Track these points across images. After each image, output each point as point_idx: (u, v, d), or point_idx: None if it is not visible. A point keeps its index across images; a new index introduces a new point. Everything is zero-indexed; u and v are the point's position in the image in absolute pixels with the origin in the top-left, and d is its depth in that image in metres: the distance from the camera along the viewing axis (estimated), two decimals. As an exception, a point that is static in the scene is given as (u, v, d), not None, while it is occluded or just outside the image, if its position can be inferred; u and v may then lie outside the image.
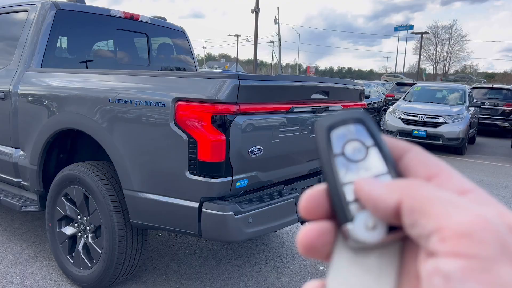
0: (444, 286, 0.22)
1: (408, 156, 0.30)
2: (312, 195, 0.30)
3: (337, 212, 0.29)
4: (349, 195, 0.28)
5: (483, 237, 0.22)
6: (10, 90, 3.00)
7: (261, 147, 2.29)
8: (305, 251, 0.30)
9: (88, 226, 2.61)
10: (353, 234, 0.28)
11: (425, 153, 0.30)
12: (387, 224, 0.27)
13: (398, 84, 15.40)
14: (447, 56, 63.92)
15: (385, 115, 10.62)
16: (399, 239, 0.28)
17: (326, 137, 0.30)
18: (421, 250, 0.25)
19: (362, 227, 0.28)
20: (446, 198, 0.25)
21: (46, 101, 2.78)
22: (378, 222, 0.27)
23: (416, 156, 0.29)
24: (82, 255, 2.64)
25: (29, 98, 2.89)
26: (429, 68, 65.65)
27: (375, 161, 0.29)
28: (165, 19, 4.19)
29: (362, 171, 0.29)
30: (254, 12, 26.91)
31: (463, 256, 0.22)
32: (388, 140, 0.30)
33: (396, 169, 0.29)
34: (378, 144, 0.30)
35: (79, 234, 2.68)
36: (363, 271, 0.28)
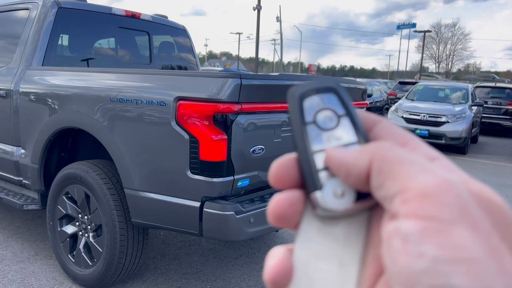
0: (401, 247, 0.22)
1: (377, 127, 0.30)
2: (282, 164, 0.29)
3: (306, 181, 0.29)
4: (319, 163, 0.28)
5: (445, 199, 0.22)
6: (12, 88, 2.99)
7: (263, 147, 2.28)
8: (276, 221, 0.29)
9: (89, 225, 2.60)
10: (322, 202, 0.28)
11: (394, 125, 0.30)
12: (355, 192, 0.27)
13: (400, 82, 15.36)
14: (450, 55, 63.52)
15: (387, 114, 10.58)
16: (367, 208, 0.28)
17: (298, 105, 0.30)
18: (385, 215, 0.25)
19: (330, 194, 0.28)
20: (415, 160, 0.25)
21: (47, 100, 2.77)
22: (346, 189, 0.27)
23: (385, 127, 0.30)
24: (83, 254, 2.63)
25: (31, 97, 2.88)
26: (431, 66, 65.23)
27: (346, 130, 0.29)
28: (166, 17, 4.18)
29: (333, 140, 0.29)
30: (256, 10, 26.87)
31: (422, 217, 0.22)
32: (359, 112, 0.31)
33: (366, 138, 0.29)
34: (349, 114, 0.30)
35: (80, 233, 2.67)
36: (330, 240, 0.29)
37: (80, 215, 2.66)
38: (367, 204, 0.28)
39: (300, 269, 0.29)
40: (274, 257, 0.29)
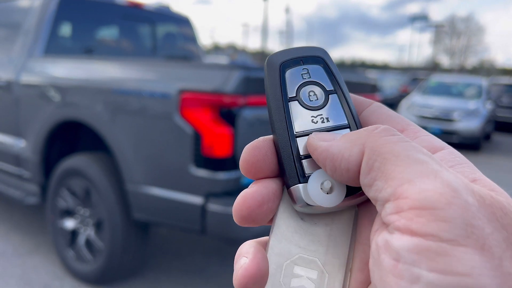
0: (392, 266, 0.19)
1: (368, 110, 0.26)
2: (256, 148, 0.24)
3: (285, 170, 0.23)
4: (302, 149, 0.24)
5: (447, 214, 0.18)
6: (13, 79, 2.93)
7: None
8: (243, 222, 0.25)
9: (90, 218, 2.55)
10: (305, 197, 0.23)
11: (387, 108, 0.26)
12: (345, 186, 0.23)
13: (414, 79, 15.19)
14: (463, 49, 61.86)
15: (397, 109, 10.41)
16: (356, 204, 0.24)
17: (279, 77, 0.24)
18: (376, 218, 0.22)
19: (317, 188, 0.23)
20: (413, 155, 0.20)
21: (48, 91, 2.70)
22: (335, 182, 0.23)
23: (378, 110, 0.26)
24: (83, 249, 2.58)
25: (32, 87, 2.82)
26: (444, 59, 63.81)
27: (335, 110, 0.24)
28: (168, 7, 4.10)
29: (319, 121, 0.24)
30: (264, 0, 26.71)
31: (419, 234, 0.18)
32: None
33: (359, 122, 0.25)
34: (340, 90, 0.24)
35: (81, 227, 2.62)
36: (309, 240, 0.24)
37: (81, 210, 2.60)
38: (359, 200, 0.24)
39: (273, 275, 0.24)
40: (248, 256, 0.24)
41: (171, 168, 2.17)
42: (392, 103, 12.42)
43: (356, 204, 0.24)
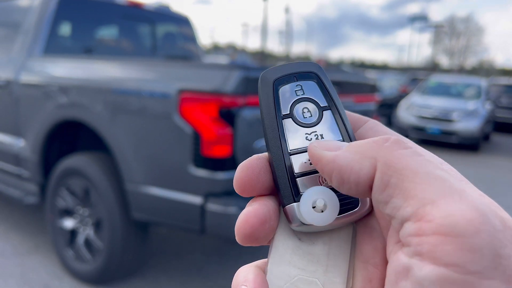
0: None
1: (364, 127, 0.25)
2: (250, 166, 0.23)
3: (280, 189, 0.23)
4: (297, 167, 0.23)
5: (475, 243, 0.17)
6: (12, 78, 2.93)
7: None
8: (246, 241, 0.24)
9: (90, 218, 2.55)
10: (299, 216, 0.23)
11: (383, 126, 0.25)
12: (339, 205, 0.23)
13: (414, 79, 15.16)
14: (462, 50, 61.72)
15: (396, 109, 10.38)
16: (355, 220, 0.24)
17: (272, 94, 0.24)
18: (390, 237, 0.20)
19: (309, 207, 0.22)
20: (433, 171, 0.19)
21: (48, 90, 2.70)
22: (330, 201, 0.23)
23: (375, 127, 0.25)
24: (83, 248, 2.58)
25: (31, 87, 2.82)
26: (443, 60, 63.70)
27: (330, 127, 0.24)
28: (168, 7, 4.10)
29: (313, 138, 0.24)
30: (263, 0, 26.69)
31: (443, 264, 0.17)
32: None
33: (354, 138, 0.24)
34: (334, 107, 0.25)
35: (80, 227, 2.62)
36: (308, 260, 0.24)
37: (80, 209, 2.60)
38: (357, 216, 0.23)
39: None
40: (247, 285, 0.24)
41: (170, 168, 2.17)
42: (392, 103, 12.36)
43: (354, 220, 0.24)
